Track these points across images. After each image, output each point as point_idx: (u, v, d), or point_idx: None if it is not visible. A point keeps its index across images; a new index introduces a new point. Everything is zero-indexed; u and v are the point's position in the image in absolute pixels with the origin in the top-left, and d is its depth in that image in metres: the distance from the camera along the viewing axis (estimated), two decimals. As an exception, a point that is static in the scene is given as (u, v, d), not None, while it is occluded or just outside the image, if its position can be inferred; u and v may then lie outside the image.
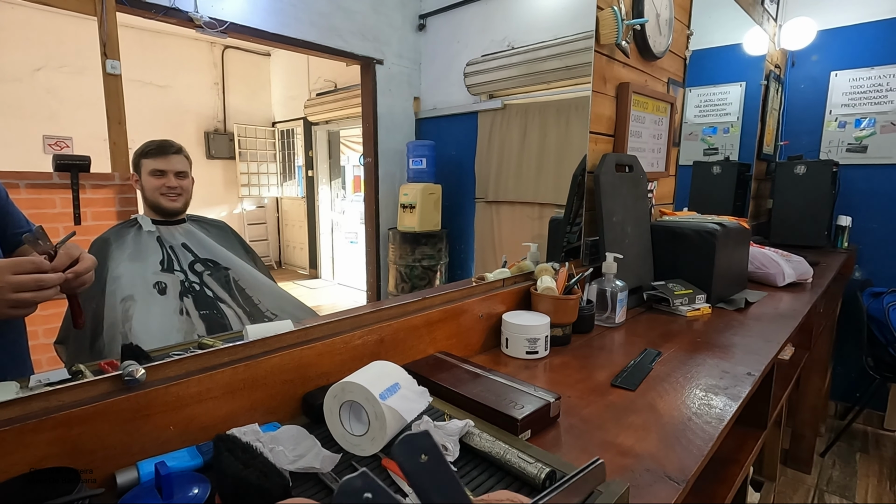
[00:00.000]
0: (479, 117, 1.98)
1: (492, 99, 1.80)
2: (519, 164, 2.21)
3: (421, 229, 2.47)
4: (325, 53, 1.99)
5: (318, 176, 2.94)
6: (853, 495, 2.06)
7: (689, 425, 0.66)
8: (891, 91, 2.45)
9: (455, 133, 1.94)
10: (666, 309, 1.21)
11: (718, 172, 2.58)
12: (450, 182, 2.54)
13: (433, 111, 2.10)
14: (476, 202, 2.01)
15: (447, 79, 1.83)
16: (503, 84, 1.81)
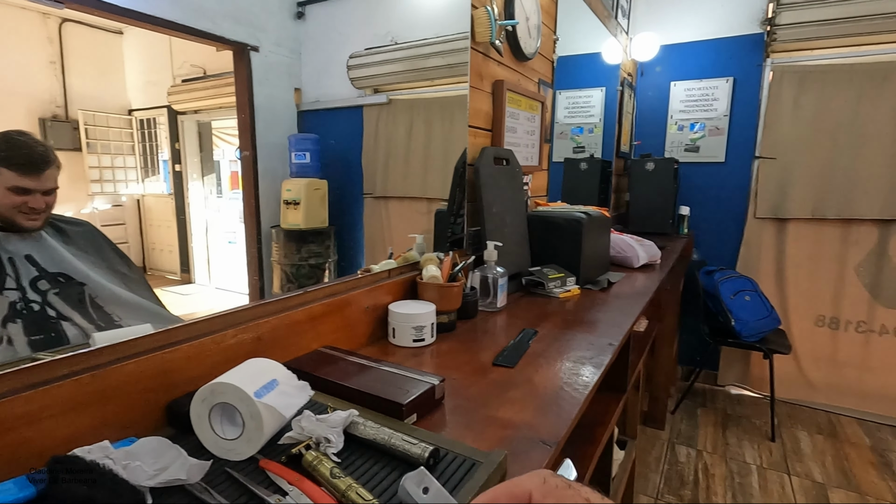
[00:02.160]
0: (364, 112, 1.95)
1: (377, 93, 1.78)
2: (406, 159, 2.22)
3: (307, 226, 2.37)
4: (189, 36, 1.81)
5: (187, 171, 2.67)
6: (696, 443, 2.42)
7: (560, 394, 0.73)
8: (715, 100, 2.90)
9: (340, 127, 1.89)
10: (542, 292, 1.31)
11: (585, 168, 2.84)
12: (336, 177, 2.47)
13: (316, 104, 2.01)
14: (364, 197, 1.98)
15: (330, 71, 1.77)
16: (387, 79, 1.80)
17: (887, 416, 2.61)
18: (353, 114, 1.88)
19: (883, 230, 2.57)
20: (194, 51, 1.79)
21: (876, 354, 2.64)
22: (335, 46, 1.80)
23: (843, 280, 2.68)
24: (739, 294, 2.59)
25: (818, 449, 2.38)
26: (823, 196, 2.62)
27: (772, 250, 2.82)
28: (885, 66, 2.46)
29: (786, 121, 2.67)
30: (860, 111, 2.51)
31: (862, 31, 2.42)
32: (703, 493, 2.04)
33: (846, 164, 2.56)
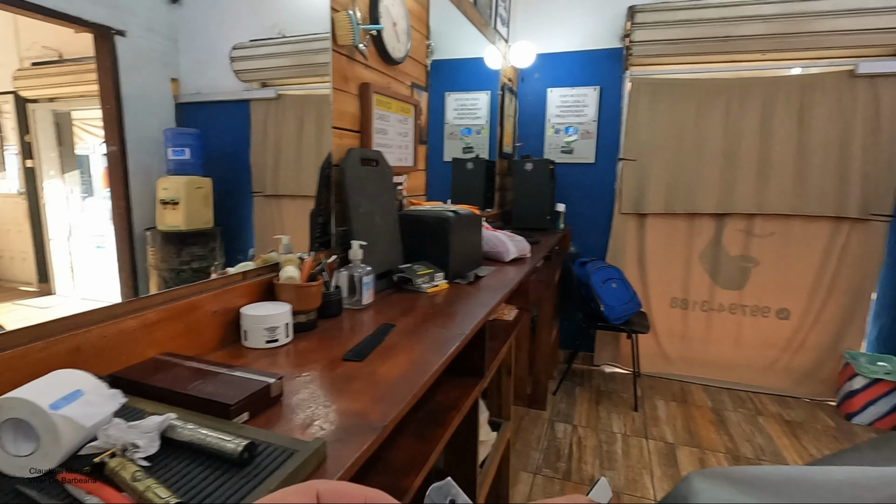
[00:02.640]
0: (251, 106, 1.87)
1: (265, 88, 1.72)
2: (298, 157, 2.17)
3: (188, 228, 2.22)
4: (37, 14, 1.61)
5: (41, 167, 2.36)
6: (573, 420, 2.65)
7: (400, 383, 0.78)
8: (586, 107, 3.18)
9: (225, 122, 1.80)
10: (411, 288, 1.37)
11: (472, 168, 2.97)
12: (222, 175, 2.34)
13: (197, 96, 1.89)
14: (254, 196, 1.90)
15: (212, 62, 1.69)
16: (276, 73, 1.74)
17: (724, 381, 3.06)
18: (239, 108, 1.80)
19: (718, 223, 3.01)
20: (47, 31, 1.63)
21: (715, 329, 3.08)
22: (217, 35, 1.72)
23: (689, 266, 3.09)
24: (608, 282, 2.88)
25: (671, 414, 2.73)
26: (673, 193, 3.00)
27: (634, 242, 3.16)
28: (718, 82, 2.87)
29: (642, 127, 3.01)
30: (699, 121, 2.91)
31: (699, 51, 2.80)
32: (575, 464, 2.25)
33: (689, 166, 2.95)
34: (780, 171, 2.80)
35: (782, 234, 2.89)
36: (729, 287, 3.05)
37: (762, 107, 2.80)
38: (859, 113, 2.65)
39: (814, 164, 2.75)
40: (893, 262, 2.74)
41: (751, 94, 2.81)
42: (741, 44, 2.70)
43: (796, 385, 2.94)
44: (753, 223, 2.94)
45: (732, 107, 2.85)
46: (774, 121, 2.79)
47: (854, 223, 2.76)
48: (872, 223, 2.72)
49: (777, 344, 2.97)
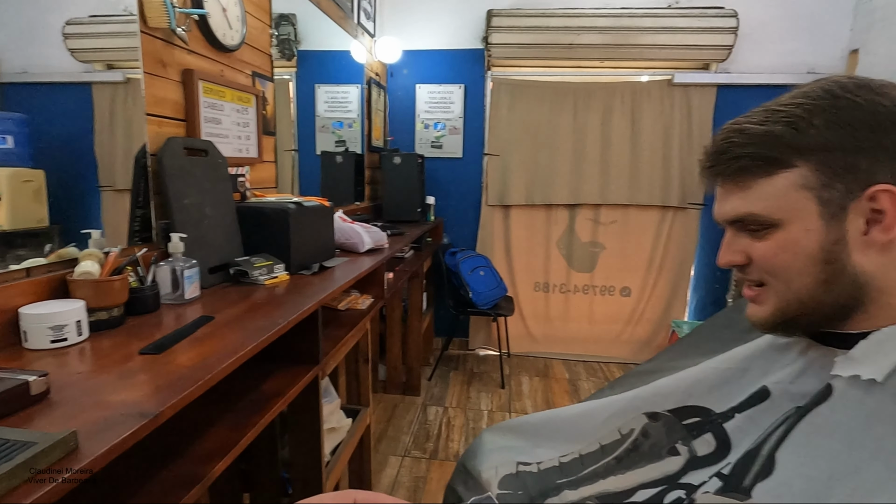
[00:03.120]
0: (94, 90, 1.69)
1: (111, 70, 1.56)
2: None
3: (13, 227, 1.94)
4: None
5: None
6: (445, 402, 2.78)
7: (190, 370, 0.77)
8: (452, 104, 3.32)
9: (61, 106, 1.61)
10: (249, 281, 1.35)
11: (341, 162, 2.96)
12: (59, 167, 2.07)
13: (23, 76, 1.67)
14: (101, 191, 1.72)
15: (40, 37, 1.49)
16: (123, 55, 1.58)
17: (580, 354, 3.41)
18: (79, 91, 1.62)
19: (571, 212, 3.33)
20: None
21: (572, 308, 3.42)
22: (43, 7, 1.52)
23: (549, 253, 3.38)
24: (476, 270, 3.06)
25: (533, 388, 2.98)
26: (532, 186, 3.26)
27: (501, 231, 3.39)
28: (566, 85, 3.17)
29: (503, 124, 3.23)
30: (551, 119, 3.19)
31: (549, 55, 3.07)
32: (443, 443, 2.37)
33: (545, 161, 3.22)
34: (617, 167, 3.18)
35: (622, 222, 3.29)
36: (582, 270, 3.40)
37: (602, 109, 3.15)
38: (677, 117, 3.10)
39: (644, 160, 3.16)
40: (705, 243, 3.25)
41: (593, 98, 3.15)
42: (583, 51, 3.00)
43: (637, 353, 3.37)
44: (599, 212, 3.31)
45: (579, 108, 3.17)
46: (613, 122, 3.15)
47: (676, 211, 3.22)
48: (689, 211, 3.21)
49: (621, 318, 3.38)
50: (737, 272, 0.55)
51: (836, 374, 0.47)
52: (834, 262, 0.47)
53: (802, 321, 0.51)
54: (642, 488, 0.60)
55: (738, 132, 0.50)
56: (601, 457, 0.67)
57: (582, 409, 0.78)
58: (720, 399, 0.60)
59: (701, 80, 3.05)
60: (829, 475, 0.41)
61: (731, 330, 0.68)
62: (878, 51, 2.71)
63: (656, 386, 0.68)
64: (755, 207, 0.49)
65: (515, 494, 0.69)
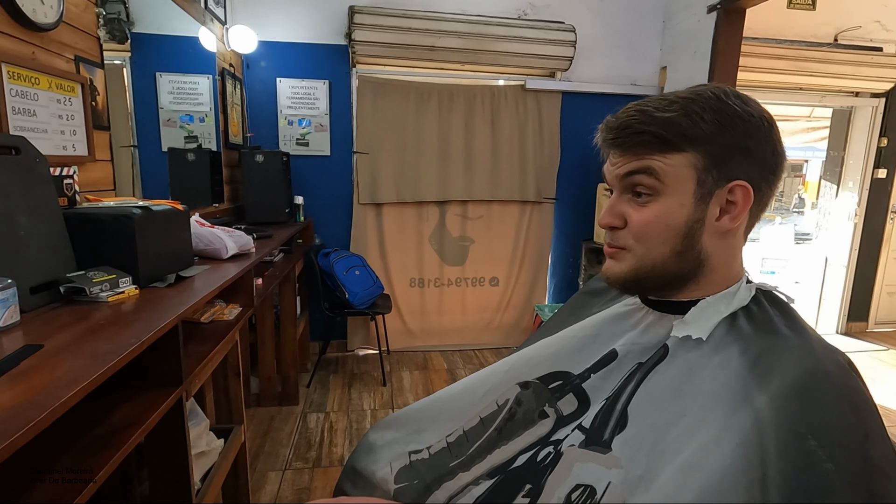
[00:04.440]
0: None
1: None
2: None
3: None
4: None
5: None
6: (325, 407, 2.71)
7: (16, 413, 0.65)
8: (317, 100, 3.21)
9: None
10: (87, 299, 1.16)
11: (194, 160, 2.69)
12: None
13: None
14: None
15: None
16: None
17: (456, 344, 3.57)
18: None
19: (441, 209, 3.46)
20: None
21: (446, 301, 3.56)
22: None
23: (422, 249, 3.47)
24: (351, 270, 3.01)
25: (414, 382, 3.04)
26: (402, 184, 3.31)
27: (374, 230, 3.38)
28: (431, 85, 3.26)
29: (370, 122, 3.22)
30: (417, 118, 3.26)
31: (412, 56, 3.12)
32: (326, 449, 2.30)
33: (413, 159, 3.29)
34: (480, 165, 3.38)
35: (487, 217, 3.51)
36: (454, 264, 3.55)
37: (465, 110, 3.32)
38: (530, 119, 3.40)
39: (503, 159, 3.40)
40: (558, 233, 3.63)
41: (456, 99, 3.30)
42: (444, 54, 3.12)
43: (506, 337, 3.63)
44: (467, 208, 3.49)
45: (443, 109, 3.29)
46: (475, 122, 3.34)
47: (534, 205, 3.54)
48: (544, 205, 3.54)
49: (491, 307, 3.61)
50: (607, 234, 0.63)
51: (673, 336, 0.57)
52: (690, 237, 0.56)
53: (648, 283, 0.61)
54: (521, 453, 0.66)
55: (641, 112, 0.57)
56: (483, 430, 0.72)
57: (461, 388, 0.83)
58: (577, 362, 0.68)
59: (548, 87, 3.38)
60: (666, 421, 0.50)
61: (585, 307, 0.79)
62: (680, 68, 3.28)
63: (525, 357, 0.76)
64: (653, 165, 0.56)
65: (412, 485, 0.71)
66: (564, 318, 0.82)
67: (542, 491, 0.58)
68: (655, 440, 0.51)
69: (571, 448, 0.58)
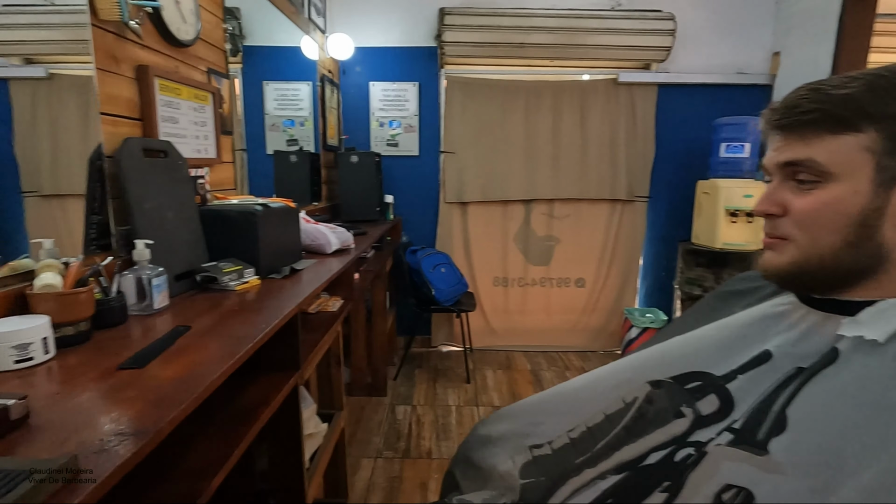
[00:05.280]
0: (11, 87, 1.53)
1: (31, 65, 1.42)
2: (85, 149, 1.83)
3: None
4: None
5: None
6: (412, 400, 2.78)
7: (186, 384, 0.74)
8: (407, 101, 3.31)
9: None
10: (218, 287, 1.29)
11: (296, 161, 2.88)
12: (-28, 173, 1.87)
13: None
14: (24, 197, 1.57)
15: None
16: (44, 48, 1.44)
17: (539, 345, 3.51)
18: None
19: (526, 208, 3.42)
20: None
21: (530, 301, 3.51)
22: None
23: (506, 248, 3.45)
24: (437, 267, 3.07)
25: (498, 381, 3.04)
26: (487, 183, 3.32)
27: (459, 228, 3.42)
28: (518, 83, 3.24)
29: (458, 121, 3.26)
30: (504, 117, 3.25)
31: (500, 54, 3.12)
32: (414, 441, 2.37)
33: (499, 158, 3.28)
34: (568, 163, 3.30)
35: (575, 216, 3.42)
36: (538, 263, 3.49)
37: (552, 107, 3.25)
38: (622, 114, 3.26)
39: (592, 156, 3.29)
40: (651, 233, 3.44)
41: (543, 96, 3.24)
42: (533, 50, 3.08)
43: (592, 341, 3.52)
44: (553, 207, 3.41)
45: (530, 106, 3.25)
46: (562, 119, 3.26)
47: (624, 204, 3.39)
48: (636, 203, 3.38)
49: (577, 308, 3.51)
50: (766, 224, 0.58)
51: (841, 335, 0.51)
52: (867, 228, 0.50)
53: (814, 278, 0.55)
54: (653, 451, 0.64)
55: (814, 91, 0.52)
56: (609, 427, 0.70)
57: (581, 383, 0.81)
58: (720, 363, 0.64)
59: (643, 80, 3.22)
60: (840, 432, 0.46)
61: (724, 308, 0.74)
62: (796, 53, 2.98)
63: (656, 355, 0.72)
64: (817, 155, 0.51)
65: (539, 482, 0.71)
66: (698, 317, 0.78)
67: (684, 486, 0.56)
68: (828, 451, 0.46)
69: (718, 447, 0.55)
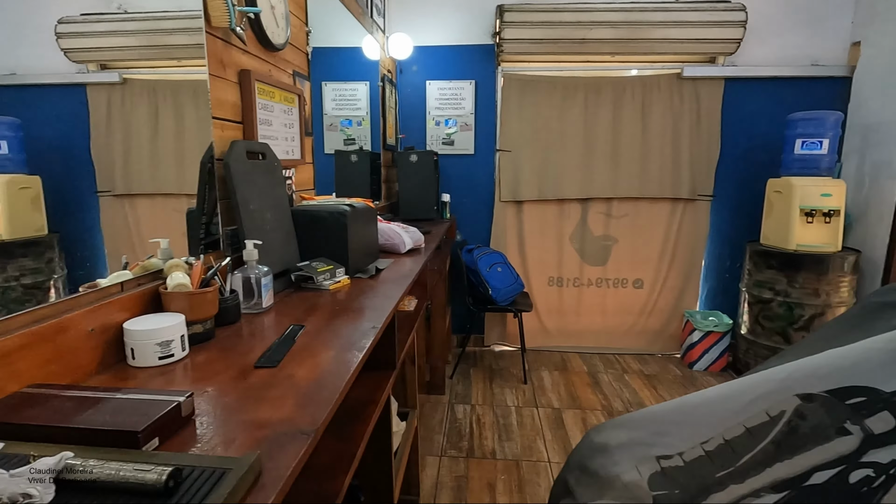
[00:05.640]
0: (89, 91, 1.61)
1: (105, 70, 1.49)
2: (153, 150, 1.91)
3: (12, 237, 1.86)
4: None
5: None
6: (470, 400, 2.78)
7: (322, 383, 0.75)
8: (463, 100, 3.30)
9: (55, 109, 1.53)
10: (312, 286, 1.32)
11: (356, 160, 2.91)
12: (54, 173, 1.98)
13: (13, 77, 1.59)
14: (100, 196, 1.65)
15: (30, 36, 1.42)
16: (118, 54, 1.51)
17: (595, 347, 3.45)
18: (72, 93, 1.55)
19: (583, 207, 3.36)
20: None
21: (585, 302, 3.45)
22: (33, 6, 1.45)
23: (561, 247, 3.40)
24: (493, 267, 3.06)
25: (555, 382, 3.00)
26: (544, 181, 3.27)
27: (514, 227, 3.39)
28: (576, 80, 3.18)
29: (514, 119, 3.23)
30: (562, 115, 3.20)
31: (560, 50, 3.07)
32: (476, 441, 2.37)
33: (556, 156, 3.23)
34: (628, 160, 3.21)
35: (633, 215, 3.33)
36: (595, 264, 3.43)
37: (612, 103, 3.17)
38: (685, 110, 3.15)
39: (653, 153, 3.20)
40: (714, 233, 3.32)
41: (603, 92, 3.17)
42: (594, 46, 3.02)
43: (650, 344, 3.42)
44: (611, 206, 3.34)
45: (589, 102, 3.18)
46: (622, 116, 3.18)
47: (686, 203, 3.28)
48: (699, 202, 3.26)
49: (634, 310, 3.43)
50: None
51: None
52: None
53: None
54: (817, 470, 0.60)
55: None
56: (752, 441, 0.67)
57: (715, 393, 0.78)
58: (887, 378, 0.60)
59: (709, 73, 3.10)
60: None
61: (881, 319, 0.69)
62: (880, 43, 2.80)
63: (806, 367, 0.69)
64: None
65: (672, 494, 0.69)
66: (848, 328, 0.74)
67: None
68: None
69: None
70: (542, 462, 2.18)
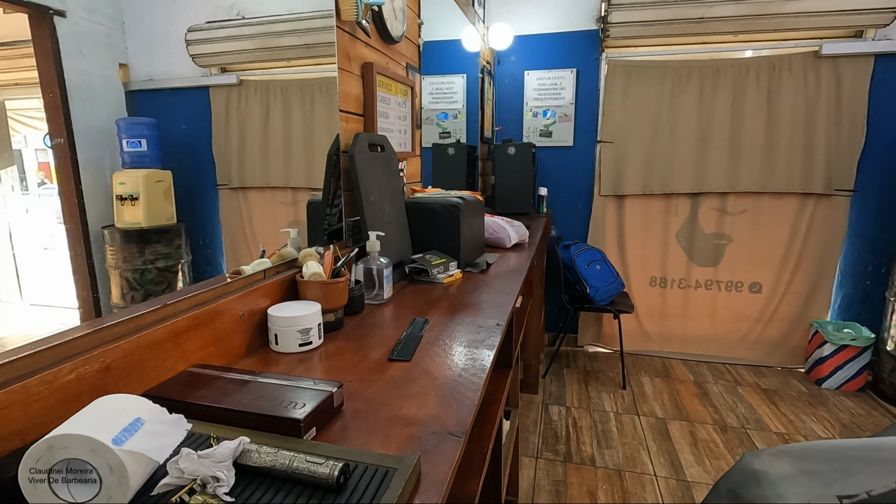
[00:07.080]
0: (211, 93, 1.73)
1: (225, 73, 1.60)
2: (264, 146, 2.04)
3: (149, 224, 2.07)
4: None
5: (-27, 163, 2.10)
6: (565, 401, 2.68)
7: (460, 381, 0.73)
8: (563, 90, 3.17)
9: (183, 110, 1.67)
10: (426, 279, 1.31)
11: (453, 153, 2.90)
12: (182, 167, 2.19)
13: (150, 83, 1.73)
14: (219, 189, 1.77)
15: (165, 45, 1.55)
16: (236, 58, 1.61)
17: (703, 355, 3.17)
18: (197, 95, 1.67)
19: (693, 202, 3.09)
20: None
21: (692, 305, 3.18)
22: (169, 17, 1.57)
23: (667, 245, 3.16)
24: (592, 264, 2.91)
25: (657, 390, 2.80)
26: (649, 174, 3.05)
27: (614, 223, 3.21)
28: (691, 63, 2.92)
29: (618, 109, 3.04)
30: (673, 102, 2.95)
31: (674, 32, 2.83)
32: (574, 445, 2.27)
33: (665, 147, 3.00)
34: (749, 151, 2.90)
35: (753, 211, 3.00)
36: (704, 264, 3.15)
37: (733, 87, 2.87)
38: (823, 92, 2.77)
39: (781, 142, 2.85)
40: (854, 234, 2.90)
41: (722, 75, 2.88)
42: (714, 25, 2.74)
43: (768, 355, 3.08)
44: (726, 201, 3.04)
45: (705, 88, 2.91)
46: (745, 101, 2.87)
47: (819, 198, 2.89)
48: (836, 198, 2.86)
49: (750, 316, 3.10)
50: None
51: None
52: None
53: None
54: None
55: None
56: None
57: None
58: None
59: (855, 50, 2.70)
60: None
61: None
62: None
63: None
64: None
65: None
66: None
67: None
68: None
69: None
70: (648, 475, 2.04)
